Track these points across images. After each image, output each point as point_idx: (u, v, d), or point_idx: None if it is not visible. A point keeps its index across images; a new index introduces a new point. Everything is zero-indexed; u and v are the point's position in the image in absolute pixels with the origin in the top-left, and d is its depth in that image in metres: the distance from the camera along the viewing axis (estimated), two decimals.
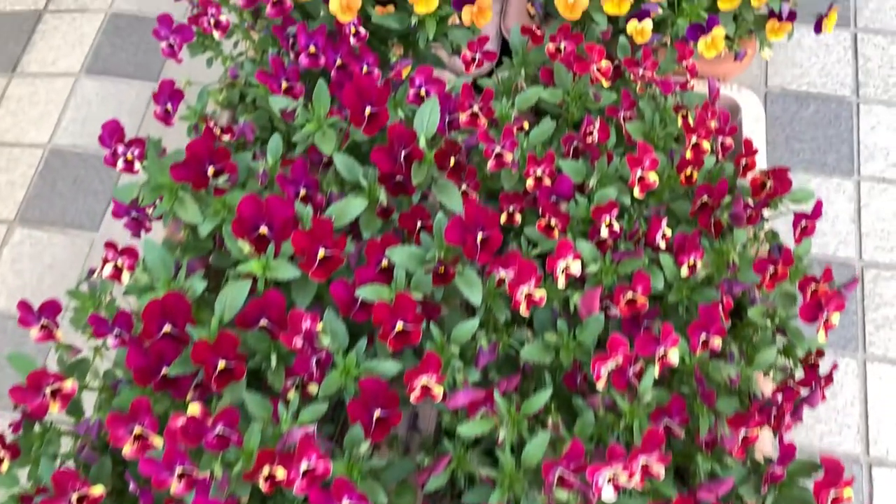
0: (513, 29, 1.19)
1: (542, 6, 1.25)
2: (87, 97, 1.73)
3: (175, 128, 1.16)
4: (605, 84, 1.07)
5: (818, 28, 1.24)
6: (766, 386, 0.96)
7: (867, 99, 1.65)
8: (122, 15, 1.84)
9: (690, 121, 1.04)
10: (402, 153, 0.97)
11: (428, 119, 1.00)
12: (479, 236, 0.90)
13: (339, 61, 1.15)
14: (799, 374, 0.96)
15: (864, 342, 1.42)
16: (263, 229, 0.90)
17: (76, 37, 1.82)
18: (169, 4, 1.84)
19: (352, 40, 1.15)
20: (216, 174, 0.94)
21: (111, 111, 1.71)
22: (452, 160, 0.97)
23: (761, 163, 1.26)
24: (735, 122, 1.30)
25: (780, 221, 1.13)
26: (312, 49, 1.14)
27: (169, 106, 1.13)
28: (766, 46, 1.23)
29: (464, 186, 1.03)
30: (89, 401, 0.95)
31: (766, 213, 1.06)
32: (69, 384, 0.87)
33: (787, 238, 1.04)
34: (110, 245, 0.95)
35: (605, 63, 1.08)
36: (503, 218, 1.05)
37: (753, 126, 1.25)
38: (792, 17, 1.22)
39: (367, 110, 1.00)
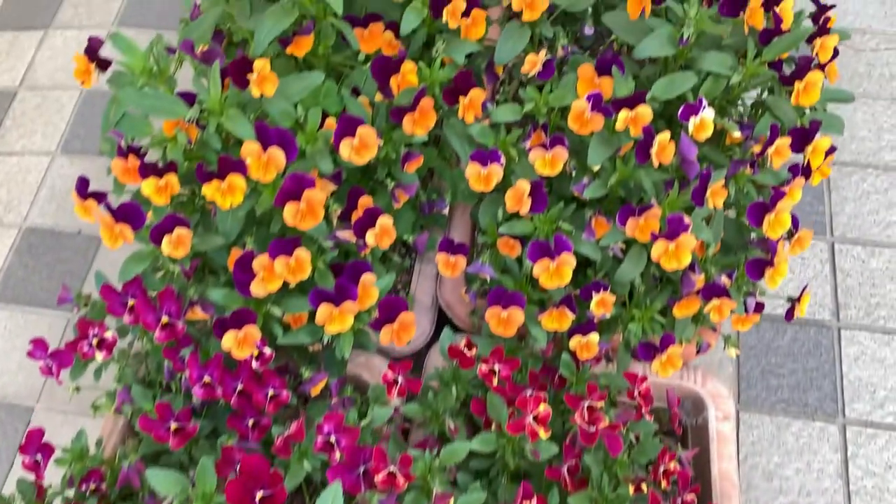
0: (440, 344, 1.04)
1: (475, 296, 1.10)
2: None
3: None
4: (544, 435, 0.92)
5: (790, 316, 1.10)
6: None
7: (848, 323, 1.51)
8: (36, 230, 1.68)
9: (644, 489, 0.88)
10: None
11: None
12: None
13: (239, 386, 1.00)
14: None
15: None
16: None
17: None
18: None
19: (254, 364, 1.00)
20: None
21: (19, 349, 1.54)
22: None
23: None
24: (701, 419, 1.15)
25: None
26: (207, 379, 0.98)
27: (39, 458, 0.97)
28: (731, 346, 1.08)
29: None
30: None
31: None
32: None
33: None
34: None
35: (542, 408, 0.92)
36: None
37: (722, 427, 1.09)
38: (759, 308, 1.07)
39: (259, 495, 0.85)
